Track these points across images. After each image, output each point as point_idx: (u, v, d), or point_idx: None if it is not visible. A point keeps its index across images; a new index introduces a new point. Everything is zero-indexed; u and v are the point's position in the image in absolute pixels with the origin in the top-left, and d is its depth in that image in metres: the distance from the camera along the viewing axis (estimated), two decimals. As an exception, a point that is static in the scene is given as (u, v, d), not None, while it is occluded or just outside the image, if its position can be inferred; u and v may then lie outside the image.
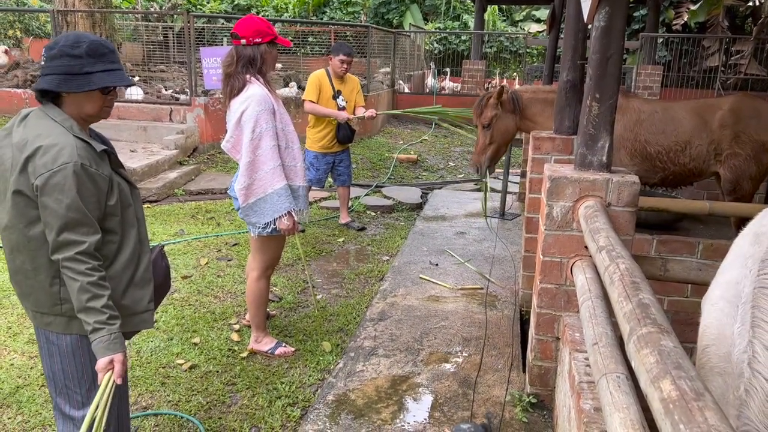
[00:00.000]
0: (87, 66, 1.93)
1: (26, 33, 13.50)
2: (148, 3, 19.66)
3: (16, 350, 3.52)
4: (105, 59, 1.97)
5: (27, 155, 1.87)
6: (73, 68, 1.92)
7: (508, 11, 22.11)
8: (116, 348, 1.93)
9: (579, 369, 2.16)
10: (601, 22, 2.58)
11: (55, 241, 1.88)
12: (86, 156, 1.92)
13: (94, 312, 1.90)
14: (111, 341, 1.92)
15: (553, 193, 2.70)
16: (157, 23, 15.83)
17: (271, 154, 3.16)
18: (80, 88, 1.94)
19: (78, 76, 1.93)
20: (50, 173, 1.85)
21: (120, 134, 8.32)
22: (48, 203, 1.86)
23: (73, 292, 1.90)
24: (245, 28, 3.21)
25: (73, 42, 1.93)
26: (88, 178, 1.91)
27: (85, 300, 1.89)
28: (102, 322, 1.91)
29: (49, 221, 1.88)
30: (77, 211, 1.88)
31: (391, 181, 8.27)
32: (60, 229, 1.87)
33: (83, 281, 1.88)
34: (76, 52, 1.92)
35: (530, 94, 4.47)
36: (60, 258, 1.89)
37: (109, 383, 1.93)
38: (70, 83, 1.93)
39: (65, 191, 1.86)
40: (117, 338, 1.94)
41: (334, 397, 3.10)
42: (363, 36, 12.62)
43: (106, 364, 1.92)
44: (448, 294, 4.46)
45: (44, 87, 1.93)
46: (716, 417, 1.04)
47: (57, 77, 1.92)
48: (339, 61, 5.62)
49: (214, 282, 4.60)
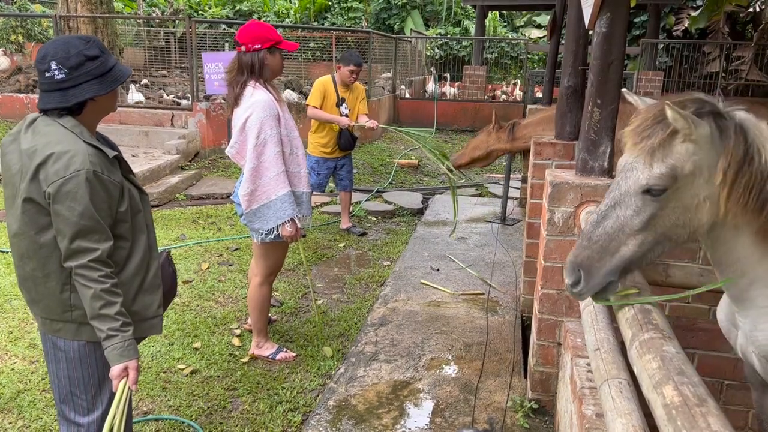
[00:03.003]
0: (108, 62, 1.92)
1: (28, 38, 13.51)
2: (149, 8, 19.73)
3: (17, 355, 3.51)
4: (108, 52, 1.98)
5: (38, 162, 1.85)
6: (101, 68, 1.90)
7: (509, 17, 22.18)
8: (130, 354, 1.93)
9: (581, 374, 2.16)
10: (602, 28, 2.59)
11: (68, 248, 1.87)
12: (98, 162, 1.90)
13: (107, 319, 1.90)
14: (125, 348, 1.92)
15: (555, 198, 2.70)
16: (159, 28, 15.89)
17: (275, 160, 3.16)
18: (112, 86, 1.92)
19: (107, 74, 1.91)
20: (63, 180, 1.83)
21: (122, 139, 8.33)
22: (60, 211, 1.85)
23: (86, 299, 1.89)
24: (245, 34, 3.22)
25: (84, 44, 1.90)
26: (100, 185, 1.89)
27: (98, 307, 1.88)
28: (116, 329, 1.90)
29: (61, 228, 1.87)
30: (90, 218, 1.87)
31: (392, 186, 8.27)
32: (73, 237, 1.86)
33: (96, 288, 1.88)
34: (94, 53, 1.89)
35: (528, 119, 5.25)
36: (73, 265, 1.88)
37: (124, 390, 1.93)
38: (104, 84, 1.90)
39: (78, 199, 1.84)
40: (130, 345, 1.94)
41: (335, 402, 3.09)
42: (364, 41, 12.65)
43: (120, 371, 1.92)
44: (449, 299, 4.45)
45: (87, 96, 1.87)
46: (719, 422, 1.04)
47: (92, 83, 1.88)
48: (349, 71, 5.63)
49: (215, 287, 4.60)
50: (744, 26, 14.99)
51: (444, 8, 21.10)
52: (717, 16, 13.44)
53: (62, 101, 1.89)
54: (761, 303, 1.69)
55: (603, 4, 2.57)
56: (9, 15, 13.93)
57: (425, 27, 20.82)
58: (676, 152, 1.55)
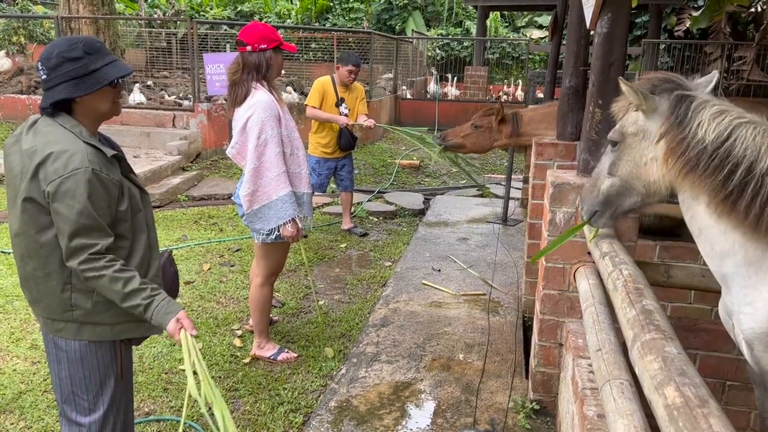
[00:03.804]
0: (91, 64, 1.93)
1: (30, 39, 13.53)
2: (151, 9, 19.76)
3: (18, 356, 3.52)
4: (102, 53, 1.97)
5: (38, 162, 1.87)
6: (80, 70, 1.90)
7: (510, 17, 22.17)
8: (174, 308, 1.99)
9: (582, 375, 2.16)
10: (603, 29, 2.59)
11: (68, 247, 1.88)
12: (97, 161, 1.91)
13: (136, 293, 1.93)
14: (165, 305, 1.97)
15: (556, 199, 2.70)
16: (161, 29, 15.90)
17: (276, 161, 3.16)
18: (93, 88, 1.93)
19: (87, 76, 1.92)
20: (61, 179, 1.84)
21: (123, 140, 8.34)
22: (60, 209, 1.86)
23: (106, 288, 1.91)
24: (250, 34, 3.22)
25: (68, 46, 1.92)
26: (100, 184, 1.90)
27: (121, 287, 1.91)
28: (148, 296, 1.95)
29: (61, 227, 1.88)
30: (88, 216, 1.88)
31: (393, 186, 8.27)
32: (72, 235, 1.87)
33: (108, 273, 1.90)
34: (75, 54, 1.91)
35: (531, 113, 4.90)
36: (75, 263, 1.88)
37: (189, 339, 1.98)
38: (82, 86, 1.91)
39: (76, 197, 1.85)
40: (168, 300, 1.99)
41: (336, 403, 3.09)
42: (366, 42, 12.65)
43: (175, 326, 1.98)
44: (450, 300, 4.45)
45: (60, 97, 1.90)
46: (721, 423, 1.04)
47: (67, 84, 1.90)
48: (347, 71, 5.66)
49: (216, 287, 4.60)
50: (746, 26, 14.97)
51: (445, 9, 21.10)
52: (718, 16, 13.41)
53: (44, 101, 1.93)
54: (741, 282, 1.76)
55: (604, 4, 2.57)
56: (11, 16, 13.97)
57: (426, 27, 20.82)
58: (628, 117, 1.99)
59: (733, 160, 1.69)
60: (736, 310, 1.80)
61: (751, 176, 1.66)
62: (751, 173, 1.66)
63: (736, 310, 1.80)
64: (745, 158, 1.68)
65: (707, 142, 1.73)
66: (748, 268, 1.73)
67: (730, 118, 1.74)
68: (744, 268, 1.74)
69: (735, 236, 1.73)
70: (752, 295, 1.73)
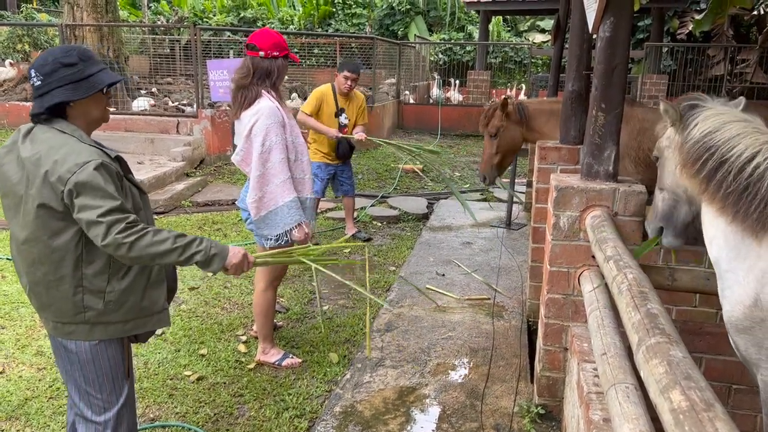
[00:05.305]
0: (86, 70, 1.98)
1: (35, 47, 13.60)
2: (155, 16, 19.85)
3: (24, 362, 3.53)
4: (94, 60, 2.04)
5: (46, 169, 1.91)
6: (75, 75, 1.96)
7: (512, 22, 22.18)
8: (222, 248, 2.17)
9: (587, 379, 2.15)
10: (605, 33, 2.59)
11: (103, 224, 1.89)
12: (102, 156, 1.97)
13: (187, 247, 2.03)
14: (215, 249, 2.14)
15: (560, 202, 2.70)
16: (164, 36, 15.95)
17: (280, 167, 3.17)
18: (88, 92, 1.98)
19: (82, 81, 1.97)
20: (76, 175, 1.89)
21: (127, 146, 8.38)
22: (84, 201, 1.89)
23: (151, 246, 1.95)
24: (264, 40, 3.20)
25: (63, 53, 1.98)
26: (109, 174, 1.95)
27: (171, 243, 1.99)
28: (198, 244, 2.08)
29: (89, 218, 1.89)
30: (112, 198, 1.92)
31: (396, 191, 8.28)
32: (103, 214, 1.89)
33: (150, 230, 1.97)
34: (71, 60, 1.96)
35: (536, 105, 4.56)
36: (112, 237, 1.89)
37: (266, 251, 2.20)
38: (78, 90, 1.96)
39: (95, 185, 1.90)
40: (214, 244, 2.14)
41: (341, 408, 3.09)
42: (368, 47, 12.68)
43: (240, 259, 2.25)
44: (454, 304, 4.45)
45: (56, 101, 1.94)
46: (727, 427, 1.04)
47: (64, 88, 1.95)
48: (343, 77, 5.55)
49: (221, 293, 4.61)
50: (748, 29, 14.96)
51: (447, 13, 21.12)
52: (721, 19, 13.40)
53: (39, 107, 1.97)
54: (723, 266, 1.86)
55: (607, 8, 2.57)
56: (15, 24, 14.04)
57: (429, 32, 20.83)
58: (665, 133, 2.21)
59: (711, 150, 1.88)
60: (720, 295, 1.90)
61: (726, 165, 1.82)
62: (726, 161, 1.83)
63: (720, 295, 1.90)
64: (718, 149, 1.85)
65: (695, 138, 1.95)
66: (729, 252, 1.85)
67: (723, 119, 1.90)
68: (725, 251, 1.86)
69: (719, 222, 1.88)
70: (731, 279, 1.84)
